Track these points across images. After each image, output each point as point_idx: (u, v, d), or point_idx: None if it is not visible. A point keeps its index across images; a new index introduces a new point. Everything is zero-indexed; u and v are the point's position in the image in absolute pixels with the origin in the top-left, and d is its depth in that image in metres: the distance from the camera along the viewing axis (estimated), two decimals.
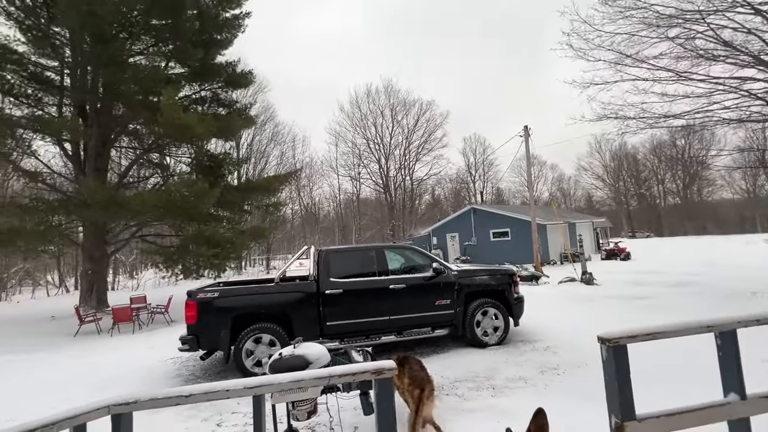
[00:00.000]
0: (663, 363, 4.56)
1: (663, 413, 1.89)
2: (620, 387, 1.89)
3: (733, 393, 2.02)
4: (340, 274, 5.86)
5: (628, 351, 1.98)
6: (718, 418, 1.97)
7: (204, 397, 1.49)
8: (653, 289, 10.63)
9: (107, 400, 1.45)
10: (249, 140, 32.57)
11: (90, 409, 1.38)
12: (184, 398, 1.45)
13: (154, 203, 11.04)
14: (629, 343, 1.93)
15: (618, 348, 1.91)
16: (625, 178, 58.81)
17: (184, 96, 14.65)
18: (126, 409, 1.42)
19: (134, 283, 26.22)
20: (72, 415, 1.33)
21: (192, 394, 1.47)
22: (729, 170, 14.35)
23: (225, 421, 3.98)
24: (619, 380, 1.89)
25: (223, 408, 4.29)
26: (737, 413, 1.98)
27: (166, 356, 6.83)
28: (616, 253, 21.17)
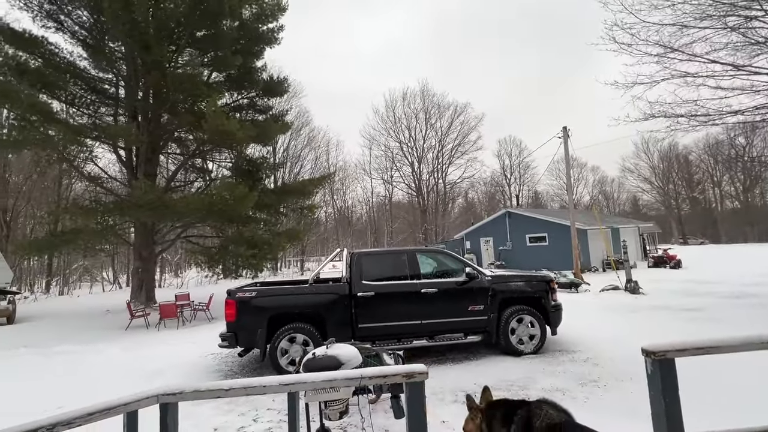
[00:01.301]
0: (717, 381, 4.23)
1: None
2: (667, 404, 1.77)
3: None
4: (372, 276, 5.91)
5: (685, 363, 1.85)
6: None
7: (242, 391, 1.57)
8: (706, 300, 9.85)
9: (156, 390, 1.56)
10: (285, 145, 33.62)
11: (141, 397, 1.49)
12: (224, 392, 1.53)
13: (197, 205, 11.67)
14: (677, 357, 1.81)
15: (665, 362, 1.80)
16: (675, 181, 54.82)
17: (224, 104, 15.41)
18: (173, 399, 1.52)
19: (179, 282, 27.78)
20: (125, 402, 1.44)
21: (232, 388, 1.55)
22: None
23: (260, 417, 4.11)
24: (665, 396, 1.78)
25: (259, 404, 4.44)
26: None
27: (207, 351, 7.17)
28: (665, 260, 19.82)
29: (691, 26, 7.02)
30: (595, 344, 6.18)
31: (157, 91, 13.46)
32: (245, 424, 3.97)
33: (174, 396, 1.52)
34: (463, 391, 4.56)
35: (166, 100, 13.11)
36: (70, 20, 13.10)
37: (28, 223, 27.35)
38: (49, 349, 7.96)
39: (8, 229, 22.68)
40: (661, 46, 7.43)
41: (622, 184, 59.16)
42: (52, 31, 13.16)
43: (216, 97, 12.86)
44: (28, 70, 12.01)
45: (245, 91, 16.19)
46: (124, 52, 13.25)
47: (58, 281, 26.18)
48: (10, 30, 11.90)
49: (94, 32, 13.25)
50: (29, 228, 26.99)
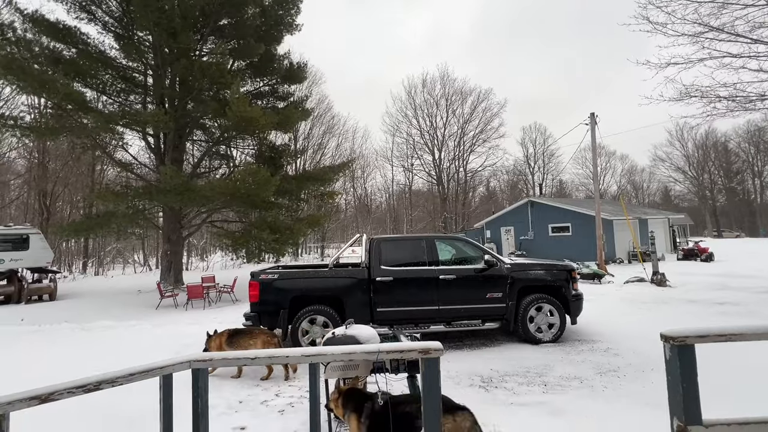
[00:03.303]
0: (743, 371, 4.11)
1: (736, 421, 1.74)
2: (685, 388, 1.77)
3: None
4: (390, 262, 5.98)
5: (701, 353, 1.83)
6: None
7: (267, 360, 1.67)
8: (739, 294, 9.46)
9: (189, 356, 1.68)
10: (306, 132, 33.87)
11: (176, 362, 1.61)
12: (250, 360, 1.63)
13: (222, 190, 12.01)
14: (698, 344, 1.79)
15: (684, 347, 1.79)
16: (711, 170, 52.10)
17: (246, 91, 15.63)
18: (203, 365, 1.64)
19: (204, 265, 28.81)
20: (161, 366, 1.56)
21: (257, 356, 1.65)
22: None
23: (282, 392, 4.30)
24: (684, 381, 1.77)
25: (281, 380, 4.63)
26: None
27: None
28: (696, 253, 19.04)
29: (732, 3, 6.58)
30: (617, 335, 6.09)
31: (183, 78, 13.79)
32: (268, 398, 4.16)
33: (204, 362, 1.64)
34: (479, 376, 4.62)
35: (191, 87, 13.42)
36: (101, 11, 13.51)
37: (65, 208, 28.86)
38: (88, 324, 8.51)
39: (48, 212, 24.00)
40: (699, 25, 6.99)
41: (652, 174, 56.79)
42: (84, 22, 13.63)
43: (239, 84, 13.06)
44: (62, 60, 12.52)
45: (267, 78, 16.37)
46: (151, 41, 13.60)
47: (93, 262, 27.65)
48: (46, 21, 12.39)
49: (124, 22, 13.63)
50: (67, 212, 28.48)
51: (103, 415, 3.64)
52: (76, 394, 1.34)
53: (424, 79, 41.02)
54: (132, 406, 3.66)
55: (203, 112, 14.18)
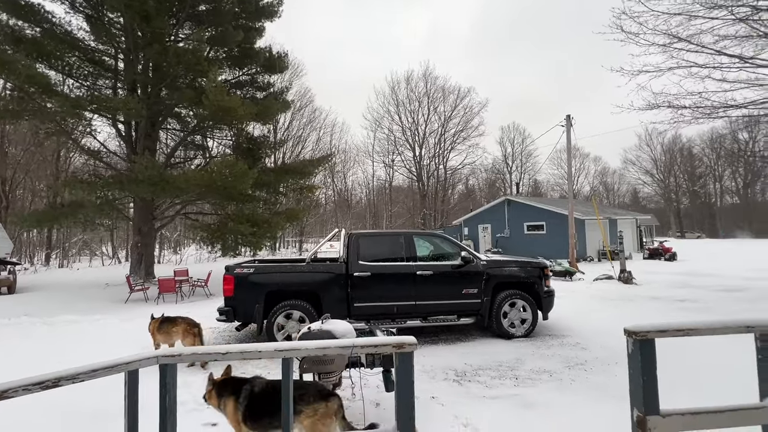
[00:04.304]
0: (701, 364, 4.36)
1: (690, 411, 1.84)
2: (645, 381, 1.86)
3: None
4: (369, 257, 5.99)
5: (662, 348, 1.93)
6: (751, 421, 1.90)
7: (239, 355, 1.64)
8: (699, 292, 10.00)
9: (156, 352, 1.63)
10: (286, 124, 33.32)
11: (142, 357, 1.56)
12: (221, 355, 1.60)
13: (197, 181, 11.66)
14: (658, 338, 1.88)
15: (645, 342, 1.87)
16: (677, 174, 54.80)
17: (224, 80, 15.20)
18: (172, 360, 1.59)
19: (177, 258, 27.98)
20: (127, 362, 1.51)
21: (228, 352, 1.61)
22: None
23: None
24: (644, 374, 1.86)
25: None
26: None
27: (205, 326, 7.28)
28: (660, 252, 19.99)
29: (700, 16, 6.91)
30: (585, 330, 6.33)
31: (157, 64, 13.26)
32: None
33: (173, 357, 1.59)
34: (453, 370, 4.71)
35: (166, 74, 12.92)
36: None
37: (27, 196, 27.32)
38: (50, 318, 8.11)
39: (7, 200, 22.67)
40: (668, 36, 7.31)
41: (623, 176, 59.21)
42: (49, 0, 12.86)
43: (216, 73, 12.68)
44: (24, 39, 11.79)
45: (246, 68, 15.95)
46: (123, 23, 12.99)
47: (57, 254, 26.35)
48: None
49: (93, 1, 12.95)
50: (28, 200, 26.97)
51: (63, 412, 3.50)
52: (33, 392, 1.28)
53: (408, 76, 41.10)
54: (96, 402, 3.53)
55: (178, 100, 13.70)
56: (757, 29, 6.65)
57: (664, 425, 1.82)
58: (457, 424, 3.33)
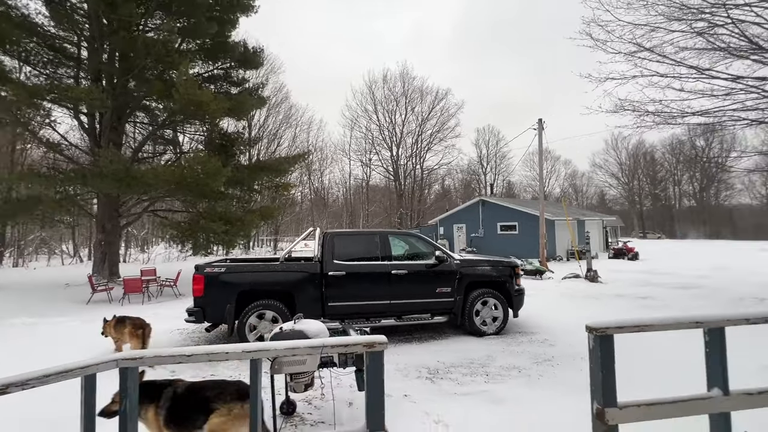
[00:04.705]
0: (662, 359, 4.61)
1: (644, 402, 1.94)
2: (604, 375, 1.94)
3: (716, 388, 2.07)
4: (344, 256, 5.97)
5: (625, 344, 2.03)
6: (700, 410, 2.03)
7: (205, 357, 1.60)
8: (658, 290, 10.57)
9: (116, 355, 1.57)
10: (261, 121, 32.65)
11: (100, 361, 1.49)
12: (186, 357, 1.55)
13: (167, 178, 11.24)
14: (616, 334, 1.98)
15: (605, 337, 1.96)
16: (640, 178, 57.70)
17: (196, 74, 14.71)
18: (133, 363, 1.53)
19: (145, 257, 26.87)
20: (84, 365, 1.44)
21: (194, 354, 1.57)
22: (747, 172, 13.94)
23: None
24: (603, 368, 1.95)
25: (224, 378, 4.46)
26: (719, 408, 2.03)
27: (172, 327, 7.07)
28: (624, 252, 20.97)
29: (662, 28, 7.32)
30: (553, 327, 6.55)
31: (124, 54, 12.67)
32: None
33: (134, 360, 1.53)
34: (426, 368, 4.76)
35: (133, 64, 12.36)
36: None
37: None
38: (3, 320, 7.61)
39: None
40: (633, 44, 7.70)
41: (591, 179, 61.74)
42: None
43: (188, 65, 12.24)
44: None
45: (219, 62, 15.48)
46: (87, 9, 12.33)
47: (12, 252, 24.71)
48: None
49: None
50: None
51: (20, 419, 3.30)
52: None
53: (385, 75, 41.15)
54: (63, 408, 3.35)
55: (146, 92, 13.15)
56: (713, 43, 7.11)
57: (621, 416, 1.92)
58: (428, 421, 3.37)
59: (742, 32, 6.70)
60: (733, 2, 6.49)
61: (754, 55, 6.75)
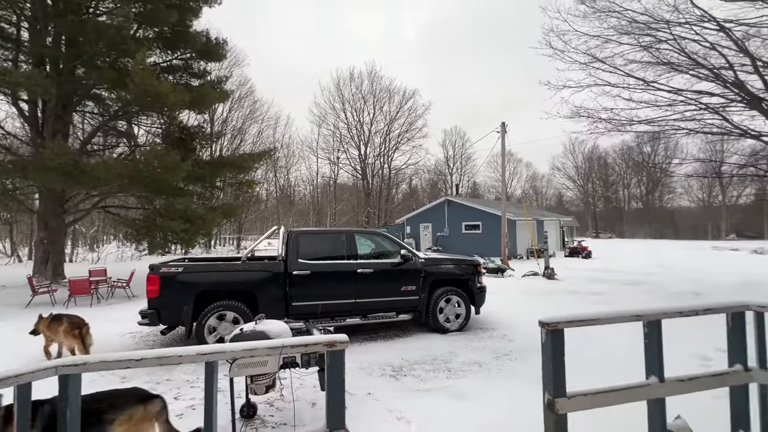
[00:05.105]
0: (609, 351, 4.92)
1: (590, 391, 2.07)
2: (555, 367, 2.06)
3: (653, 376, 2.24)
4: (308, 255, 5.89)
5: (577, 338, 2.15)
6: (639, 397, 2.19)
7: (156, 361, 1.52)
8: (609, 286, 11.27)
9: (55, 362, 1.46)
10: (224, 115, 31.50)
11: (37, 369, 1.39)
12: (135, 362, 1.47)
13: (119, 172, 10.56)
14: (566, 328, 2.10)
15: (556, 332, 2.08)
16: (594, 181, 61.29)
17: (154, 63, 13.95)
18: (74, 370, 1.43)
19: (94, 257, 25.13)
20: (18, 374, 1.33)
21: (143, 358, 1.49)
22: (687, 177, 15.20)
23: (182, 395, 3.98)
24: (554, 361, 2.06)
25: (181, 383, 4.28)
26: (655, 394, 2.20)
27: (124, 330, 6.69)
28: (578, 251, 22.17)
29: (613, 40, 7.84)
30: (512, 323, 6.82)
31: (71, 38, 11.75)
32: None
33: (76, 367, 1.44)
34: (390, 366, 4.81)
35: (82, 50, 11.50)
36: None
37: None
38: None
39: None
40: (588, 55, 8.19)
41: (550, 181, 64.87)
42: None
43: (145, 54, 11.56)
44: None
45: (179, 52, 14.75)
46: None
47: None
48: None
49: None
50: None
51: None
52: None
53: (351, 73, 40.97)
54: None
55: (97, 80, 12.28)
56: (658, 57, 7.70)
57: (569, 405, 2.04)
58: (391, 418, 3.41)
59: (682, 49, 7.31)
60: (675, 20, 7.07)
61: (692, 70, 7.38)
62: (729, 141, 8.98)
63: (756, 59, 6.76)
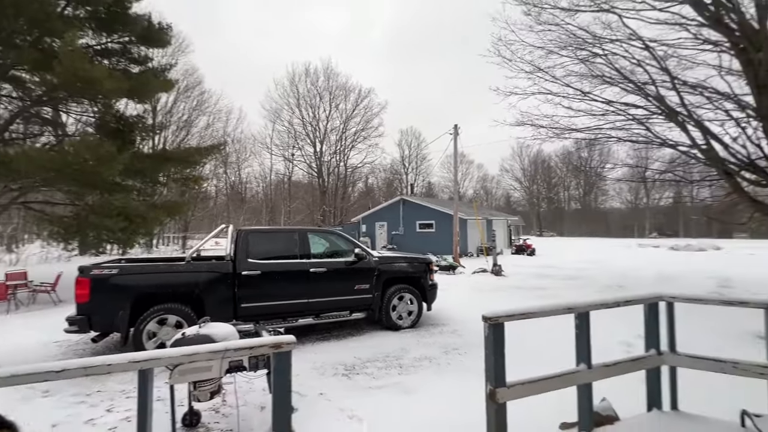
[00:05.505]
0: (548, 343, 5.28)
1: (527, 380, 2.22)
2: (496, 359, 2.18)
3: (582, 363, 2.45)
4: (259, 255, 5.71)
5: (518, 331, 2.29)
6: (569, 383, 2.38)
7: (81, 372, 1.40)
8: (550, 281, 12.09)
9: None
10: (168, 106, 29.50)
11: None
12: (55, 374, 1.35)
13: (44, 164, 9.50)
14: (507, 322, 2.23)
15: (497, 325, 2.20)
16: (538, 182, 65.40)
17: (86, 45, 12.72)
18: None
19: (13, 258, 22.43)
20: None
21: (65, 369, 1.37)
22: (617, 181, 16.76)
23: (116, 407, 3.69)
24: (495, 353, 2.18)
25: (115, 393, 3.97)
26: (583, 379, 2.41)
27: (49, 339, 6.06)
28: (524, 248, 23.52)
29: (555, 52, 8.45)
30: (462, 319, 7.09)
31: None
32: (96, 415, 3.52)
33: None
34: (343, 365, 4.80)
35: None
36: None
37: None
38: None
39: None
40: (532, 65, 8.74)
41: (499, 182, 68.20)
42: None
43: (76, 35, 10.50)
44: None
45: (117, 35, 13.57)
46: None
47: None
48: None
49: None
50: None
51: None
52: None
53: (307, 69, 40.17)
54: None
55: (16, 60, 10.97)
56: (593, 70, 8.41)
57: (508, 394, 2.17)
58: (342, 417, 3.41)
59: (612, 63, 8.04)
60: (607, 37, 7.78)
61: (621, 83, 8.15)
62: (652, 149, 10.00)
63: (674, 77, 7.60)
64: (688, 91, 7.54)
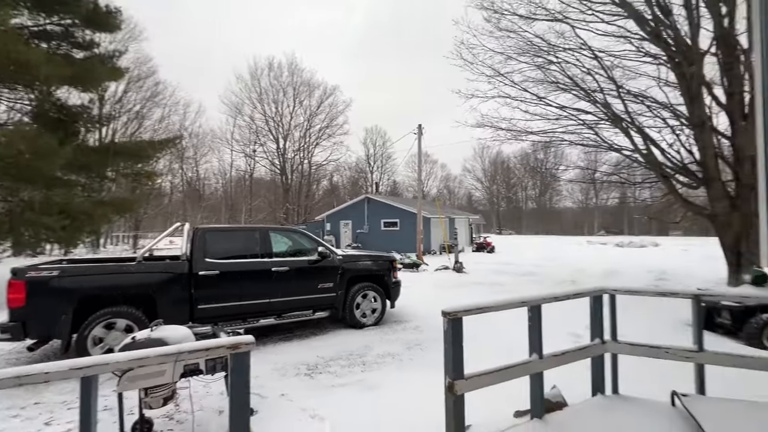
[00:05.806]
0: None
1: (483, 372, 2.32)
2: (454, 352, 2.25)
3: (535, 354, 2.59)
4: (218, 254, 5.50)
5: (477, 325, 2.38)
6: (522, 373, 2.51)
7: (14, 381, 1.29)
8: (508, 277, 12.61)
9: None
10: (118, 96, 27.54)
11: None
12: None
13: None
14: (464, 316, 2.31)
15: (455, 320, 2.27)
16: (498, 182, 67.96)
17: (21, 26, 11.62)
18: None
19: None
20: None
21: (2, 378, 1.26)
22: (569, 182, 17.80)
23: (56, 419, 3.42)
24: (454, 346, 2.26)
25: (55, 405, 3.68)
26: (535, 369, 2.54)
27: None
28: (484, 246, 24.36)
29: (513, 58, 8.84)
30: (424, 315, 7.23)
31: None
32: (32, 429, 3.24)
33: None
34: (305, 365, 4.75)
35: None
36: None
37: None
38: None
39: None
40: (492, 69, 9.08)
41: (462, 182, 70.11)
42: None
43: (8, 14, 9.55)
44: None
45: (57, 16, 12.49)
46: None
47: None
48: None
49: None
50: None
51: None
52: None
53: (270, 63, 39.10)
54: None
55: None
56: (548, 76, 8.88)
57: (466, 386, 2.25)
58: (304, 417, 3.38)
59: (564, 71, 8.54)
60: (561, 46, 8.24)
61: (573, 90, 8.67)
62: (600, 153, 10.71)
63: (619, 86, 8.20)
64: (631, 100, 8.16)
